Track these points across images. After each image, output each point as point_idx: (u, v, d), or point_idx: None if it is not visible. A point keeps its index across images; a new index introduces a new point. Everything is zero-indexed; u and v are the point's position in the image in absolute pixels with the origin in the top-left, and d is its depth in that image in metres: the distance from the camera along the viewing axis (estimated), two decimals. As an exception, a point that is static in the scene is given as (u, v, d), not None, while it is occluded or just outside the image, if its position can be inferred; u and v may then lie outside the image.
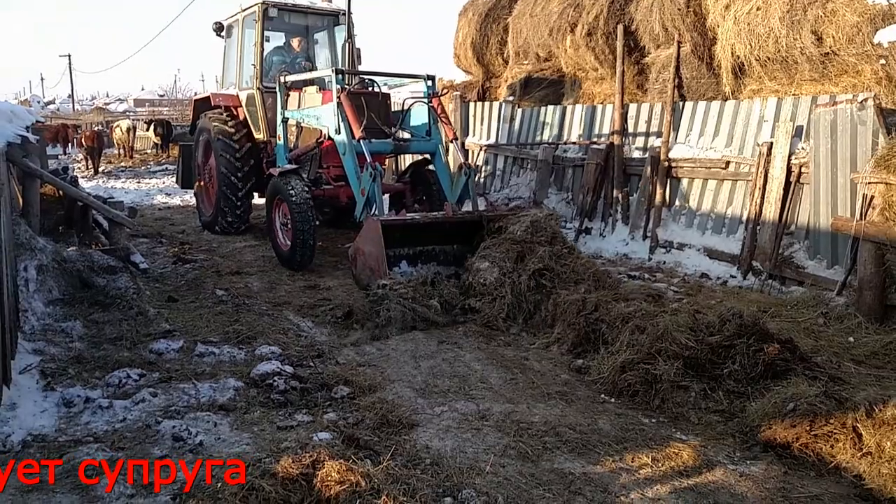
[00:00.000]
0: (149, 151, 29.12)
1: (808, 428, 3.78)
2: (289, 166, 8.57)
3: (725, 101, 8.83)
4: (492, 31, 13.62)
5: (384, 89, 9.52)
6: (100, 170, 22.51)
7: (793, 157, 7.53)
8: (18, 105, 11.88)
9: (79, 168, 22.22)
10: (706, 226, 8.75)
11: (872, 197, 6.07)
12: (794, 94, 7.95)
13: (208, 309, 6.59)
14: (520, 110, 12.39)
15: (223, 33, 11.12)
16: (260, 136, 10.12)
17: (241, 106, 10.46)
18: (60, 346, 5.21)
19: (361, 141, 7.51)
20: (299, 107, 9.14)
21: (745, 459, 3.87)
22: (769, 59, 7.98)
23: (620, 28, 10.19)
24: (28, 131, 7.13)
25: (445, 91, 8.97)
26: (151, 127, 27.75)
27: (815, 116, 7.14)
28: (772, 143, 7.75)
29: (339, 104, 7.70)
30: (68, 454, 3.70)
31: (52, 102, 66.00)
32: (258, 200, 10.54)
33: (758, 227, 7.85)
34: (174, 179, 18.91)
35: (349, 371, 5.13)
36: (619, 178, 9.95)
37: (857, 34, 7.16)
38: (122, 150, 27.40)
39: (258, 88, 9.98)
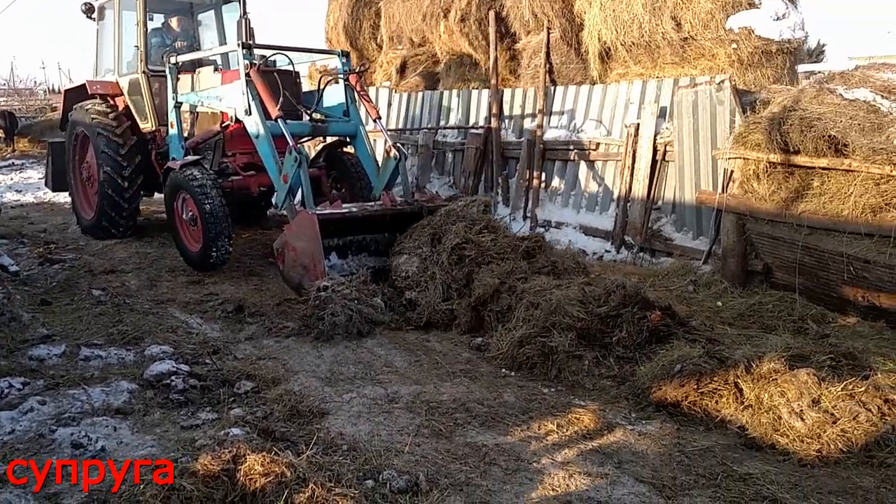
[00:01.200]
0: (-11, 146, 26.69)
1: (694, 387, 4.12)
2: (189, 157, 7.71)
3: (594, 84, 9.29)
4: (364, 16, 13.54)
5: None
6: (-67, 167, 20.41)
7: (658, 137, 8.06)
8: None
9: None
10: (580, 204, 9.20)
11: (732, 171, 6.63)
12: (657, 77, 8.49)
13: (87, 310, 6.22)
14: (397, 95, 12.43)
15: (94, 15, 10.05)
16: (147, 125, 9.19)
17: (121, 94, 9.45)
18: (-77, 360, 4.77)
19: (279, 121, 6.80)
20: (193, 90, 8.37)
21: (640, 419, 4.16)
22: (634, 44, 8.45)
23: (492, 14, 10.45)
24: None
25: (366, 67, 8.41)
26: (-10, 119, 25.43)
27: (678, 98, 7.67)
28: (638, 125, 8.25)
29: (249, 81, 6.94)
30: (-47, 474, 3.42)
31: None
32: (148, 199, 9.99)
33: (628, 204, 8.35)
34: (41, 178, 17.21)
35: (249, 365, 5.03)
36: (498, 161, 10.24)
37: (711, 20, 7.75)
38: (-43, 145, 24.97)
39: (143, 72, 9.04)
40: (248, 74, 6.94)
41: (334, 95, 7.91)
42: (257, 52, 7.33)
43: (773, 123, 6.02)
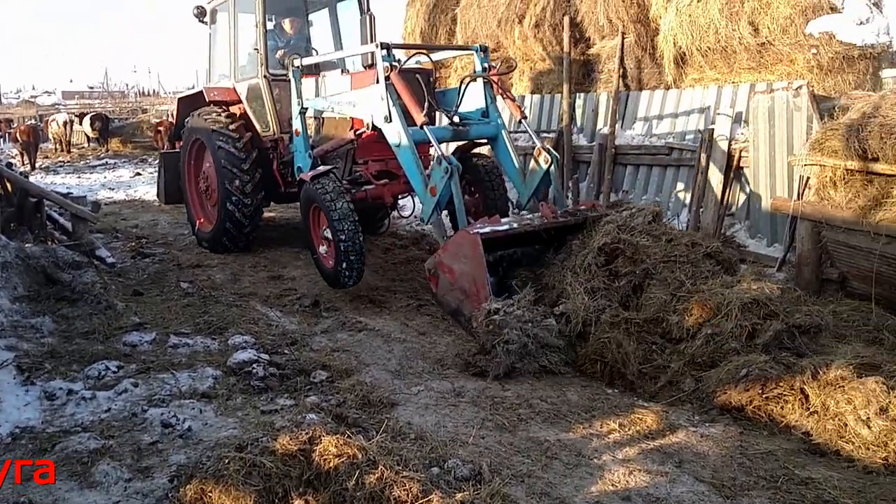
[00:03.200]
0: (86, 146, 28.30)
1: (759, 391, 4.13)
2: (321, 168, 6.93)
3: (668, 90, 9.24)
4: (440, 22, 13.77)
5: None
6: (37, 165, 21.84)
7: (733, 143, 7.96)
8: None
9: (14, 164, 21.50)
10: (653, 209, 9.13)
11: (808, 178, 6.51)
12: (733, 83, 8.39)
13: (175, 301, 6.64)
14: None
15: (206, 19, 9.49)
16: (269, 133, 8.55)
17: (239, 101, 8.82)
18: (32, 342, 5.22)
19: (425, 127, 6.14)
20: (318, 94, 7.71)
21: (703, 422, 4.19)
22: (709, 48, 8.38)
23: (566, 19, 10.50)
24: None
25: (513, 66, 7.68)
26: (87, 120, 26.98)
27: (754, 103, 7.57)
28: (713, 129, 8.18)
29: (390, 85, 6.20)
30: (60, 444, 3.78)
31: (-26, 97, 63.21)
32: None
33: (700, 210, 8.27)
34: (132, 177, 17.99)
35: (325, 356, 5.29)
36: (569, 165, 10.29)
37: (790, 25, 7.62)
38: (58, 145, 26.54)
39: (265, 77, 8.39)
40: (388, 77, 6.21)
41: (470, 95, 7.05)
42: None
43: (851, 130, 5.89)
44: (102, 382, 4.66)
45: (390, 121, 6.25)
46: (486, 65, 6.90)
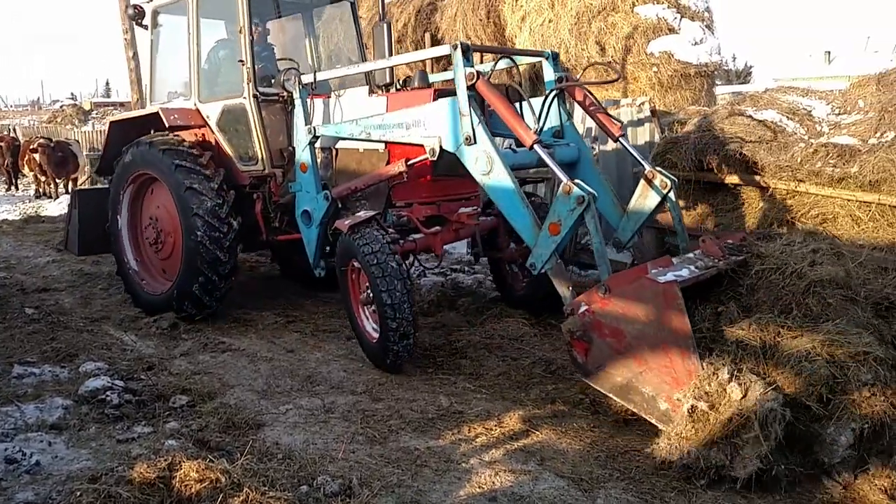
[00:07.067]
0: None
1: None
2: (361, 214, 5.44)
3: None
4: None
5: None
6: None
7: (586, 155, 8.42)
8: None
9: None
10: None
11: (653, 188, 7.00)
12: (584, 99, 8.87)
13: (19, 329, 6.18)
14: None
15: (146, 21, 7.45)
16: (253, 167, 6.76)
17: (206, 126, 6.91)
18: None
19: (537, 147, 4.77)
20: (329, 119, 6.20)
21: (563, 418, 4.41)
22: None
23: (427, 36, 10.76)
24: None
25: (619, 75, 6.50)
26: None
27: (603, 118, 8.05)
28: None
29: (474, 98, 4.89)
30: None
31: None
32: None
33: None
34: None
35: (185, 380, 5.10)
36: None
37: (633, 45, 8.20)
38: None
39: (255, 97, 6.55)
40: (471, 87, 4.91)
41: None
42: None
43: (688, 143, 6.42)
44: (-66, 420, 4.26)
45: (474, 142, 4.87)
46: (560, 74, 5.77)
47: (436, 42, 10.80)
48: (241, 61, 6.54)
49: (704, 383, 3.66)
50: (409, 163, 5.44)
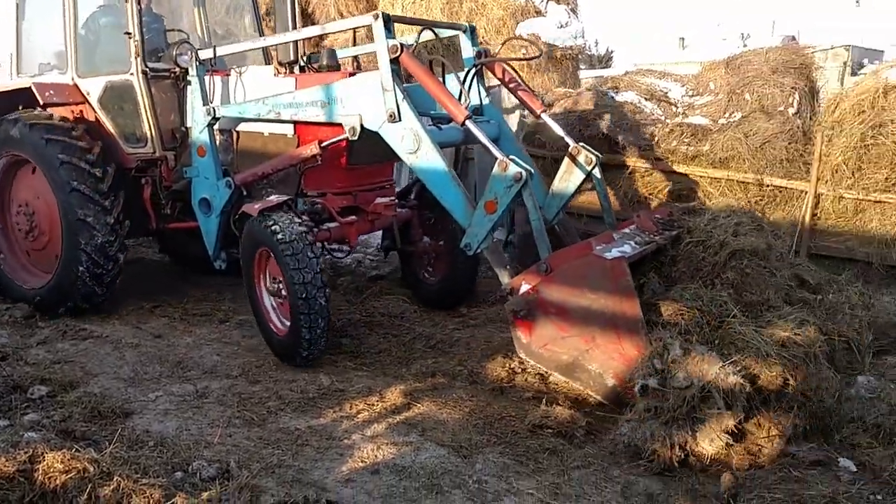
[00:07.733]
0: None
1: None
2: (274, 198, 5.16)
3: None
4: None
5: None
6: None
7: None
8: None
9: None
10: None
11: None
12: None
13: None
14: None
15: None
16: (142, 149, 6.20)
17: (85, 103, 6.29)
18: None
19: (469, 123, 4.60)
20: (229, 100, 5.69)
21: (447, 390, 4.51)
22: (434, 46, 8.89)
23: (298, 10, 10.47)
24: None
25: (539, 51, 6.22)
26: None
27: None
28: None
29: (396, 72, 4.56)
30: None
31: None
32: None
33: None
34: None
35: (44, 370, 4.77)
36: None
37: (503, 26, 8.38)
38: None
39: (143, 73, 5.96)
40: (395, 60, 4.55)
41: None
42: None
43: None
44: None
45: (398, 119, 4.57)
46: (477, 49, 5.55)
47: (307, 17, 10.56)
48: (128, 33, 5.92)
49: (654, 360, 3.61)
50: (322, 145, 5.08)
